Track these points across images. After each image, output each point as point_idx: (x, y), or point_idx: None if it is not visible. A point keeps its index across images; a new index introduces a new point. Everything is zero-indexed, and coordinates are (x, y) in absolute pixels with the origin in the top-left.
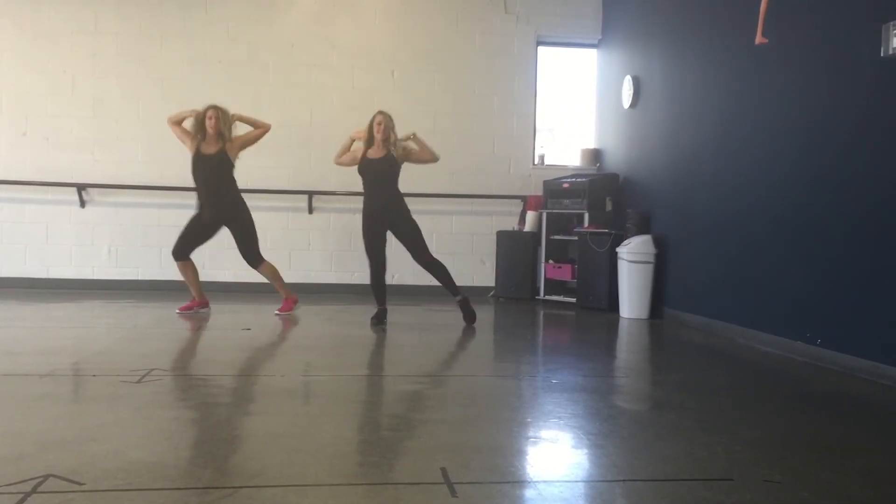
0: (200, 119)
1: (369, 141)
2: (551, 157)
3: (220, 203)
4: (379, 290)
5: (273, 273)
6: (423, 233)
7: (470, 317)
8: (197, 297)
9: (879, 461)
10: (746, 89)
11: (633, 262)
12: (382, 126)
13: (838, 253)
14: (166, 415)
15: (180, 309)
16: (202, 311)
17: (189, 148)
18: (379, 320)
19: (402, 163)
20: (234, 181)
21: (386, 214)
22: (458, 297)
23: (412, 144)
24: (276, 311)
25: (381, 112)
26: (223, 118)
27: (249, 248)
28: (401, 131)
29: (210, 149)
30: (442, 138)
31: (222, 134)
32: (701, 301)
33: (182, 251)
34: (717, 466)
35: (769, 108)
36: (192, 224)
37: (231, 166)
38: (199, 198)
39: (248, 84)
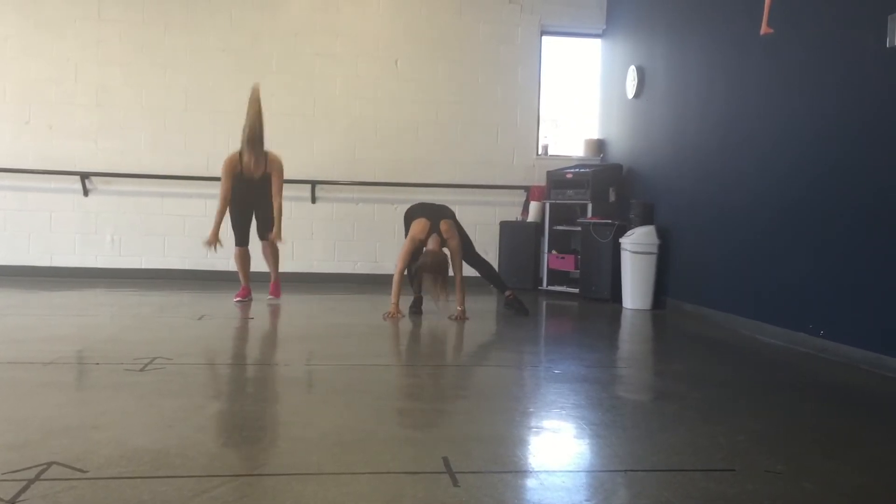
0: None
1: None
2: (555, 147)
3: None
4: None
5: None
6: None
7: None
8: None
9: (882, 452)
10: (751, 79)
11: (636, 252)
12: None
13: (842, 244)
14: (169, 403)
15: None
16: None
17: None
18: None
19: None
20: None
21: None
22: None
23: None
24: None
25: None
26: None
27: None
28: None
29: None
30: (445, 128)
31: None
32: (704, 292)
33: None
34: (720, 457)
35: (774, 99)
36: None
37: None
38: None
39: (252, 72)
